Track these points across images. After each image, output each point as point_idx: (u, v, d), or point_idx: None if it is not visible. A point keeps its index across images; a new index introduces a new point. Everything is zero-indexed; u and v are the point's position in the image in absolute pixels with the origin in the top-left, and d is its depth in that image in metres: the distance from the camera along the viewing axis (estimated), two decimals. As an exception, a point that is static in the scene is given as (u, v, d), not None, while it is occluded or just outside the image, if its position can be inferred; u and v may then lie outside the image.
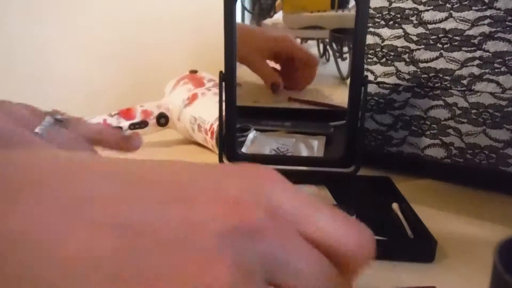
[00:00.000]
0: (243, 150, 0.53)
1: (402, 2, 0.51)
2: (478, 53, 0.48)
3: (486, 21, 0.47)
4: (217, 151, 0.53)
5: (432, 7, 0.49)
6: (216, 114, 0.52)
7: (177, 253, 0.15)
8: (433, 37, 0.50)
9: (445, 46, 0.50)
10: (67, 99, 0.49)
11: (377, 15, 0.52)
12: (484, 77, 0.48)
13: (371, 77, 0.54)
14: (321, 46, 0.55)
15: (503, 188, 0.50)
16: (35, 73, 0.36)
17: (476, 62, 0.48)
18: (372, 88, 0.54)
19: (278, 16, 0.55)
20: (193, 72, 0.66)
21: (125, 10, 0.83)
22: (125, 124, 0.61)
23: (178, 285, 0.14)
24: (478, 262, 0.32)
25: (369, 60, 0.54)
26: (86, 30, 0.80)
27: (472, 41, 0.48)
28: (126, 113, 0.62)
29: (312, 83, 0.55)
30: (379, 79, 0.54)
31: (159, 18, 0.83)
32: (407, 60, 0.52)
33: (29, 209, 0.15)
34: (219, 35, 0.48)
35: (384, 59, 0.53)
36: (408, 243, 0.39)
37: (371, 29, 0.53)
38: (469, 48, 0.49)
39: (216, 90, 0.59)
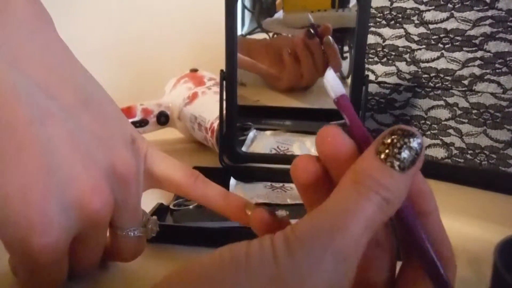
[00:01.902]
0: (243, 149, 0.53)
1: (404, 2, 0.51)
2: (479, 54, 0.48)
3: (488, 22, 0.47)
4: (217, 150, 0.53)
5: (433, 7, 0.49)
6: (217, 113, 0.52)
7: None
8: (434, 37, 0.50)
9: (446, 46, 0.50)
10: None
11: (378, 14, 0.52)
12: (485, 77, 0.48)
13: (372, 77, 0.54)
14: (322, 45, 0.55)
15: (503, 189, 0.49)
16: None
17: (477, 62, 0.48)
18: (372, 88, 0.54)
19: (279, 15, 0.54)
20: (194, 70, 0.66)
21: (125, 8, 0.83)
22: (125, 122, 0.61)
23: None
24: (478, 262, 0.32)
25: (370, 59, 0.54)
26: (86, 29, 0.80)
27: (473, 41, 0.48)
28: (126, 112, 0.62)
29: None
30: (380, 79, 0.54)
31: (159, 17, 0.83)
32: (408, 60, 0.52)
33: None
34: (219, 33, 0.48)
35: (385, 59, 0.53)
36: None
37: (372, 29, 0.53)
38: (470, 48, 0.48)
39: (217, 89, 0.59)
